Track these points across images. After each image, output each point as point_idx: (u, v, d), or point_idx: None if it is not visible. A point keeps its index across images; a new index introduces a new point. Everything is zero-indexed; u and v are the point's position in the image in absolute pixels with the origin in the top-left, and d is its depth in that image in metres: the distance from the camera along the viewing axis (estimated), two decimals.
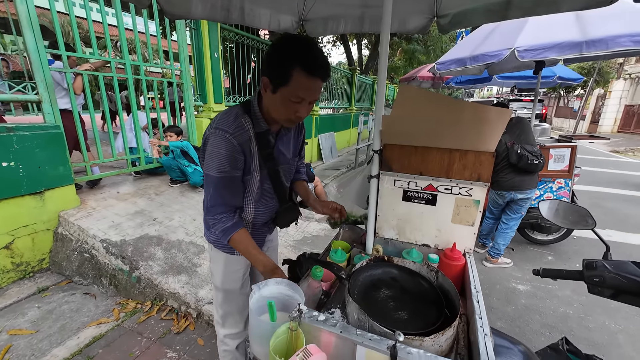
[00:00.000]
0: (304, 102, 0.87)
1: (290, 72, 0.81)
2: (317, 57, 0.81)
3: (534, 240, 3.28)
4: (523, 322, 2.22)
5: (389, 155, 0.96)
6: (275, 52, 0.83)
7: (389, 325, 0.66)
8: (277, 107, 0.90)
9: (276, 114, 0.92)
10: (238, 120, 0.93)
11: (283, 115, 0.91)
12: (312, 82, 0.83)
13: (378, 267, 0.91)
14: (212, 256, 1.20)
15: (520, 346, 0.99)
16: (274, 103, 0.89)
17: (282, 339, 0.66)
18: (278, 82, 0.84)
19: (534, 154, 2.41)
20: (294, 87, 0.83)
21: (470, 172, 0.86)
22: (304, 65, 0.80)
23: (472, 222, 0.91)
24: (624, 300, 0.91)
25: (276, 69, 0.83)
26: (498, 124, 0.79)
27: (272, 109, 0.92)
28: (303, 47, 0.81)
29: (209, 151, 0.93)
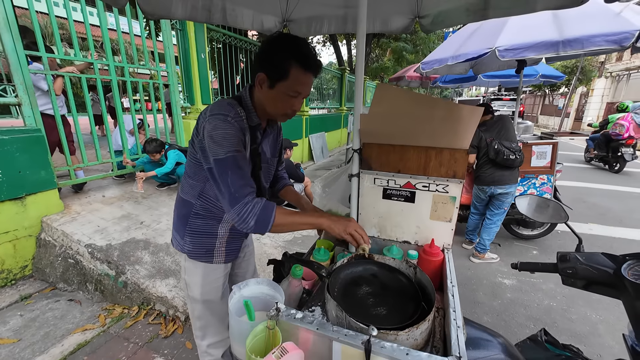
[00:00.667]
0: (299, 97, 0.92)
1: (288, 68, 0.86)
2: (311, 54, 0.88)
3: (520, 236, 3.36)
4: (509, 315, 2.27)
5: (368, 154, 0.97)
6: (273, 49, 0.87)
7: (366, 321, 0.67)
8: (274, 102, 0.93)
9: (272, 109, 0.95)
10: (234, 109, 0.92)
11: (280, 110, 0.95)
12: (307, 77, 0.89)
13: (359, 264, 0.92)
14: (187, 267, 1.12)
15: (499, 338, 1.02)
16: (271, 98, 0.92)
17: (259, 337, 0.66)
18: (276, 77, 0.88)
19: (511, 150, 2.49)
20: (292, 81, 0.88)
21: (446, 169, 0.88)
22: (301, 62, 0.86)
23: (449, 218, 0.93)
24: (595, 291, 0.94)
25: (274, 65, 0.87)
26: (470, 121, 0.81)
27: (268, 103, 0.94)
28: (299, 44, 0.87)
29: (213, 135, 0.85)
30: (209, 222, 1.07)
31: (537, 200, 1.03)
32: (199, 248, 1.08)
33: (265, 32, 1.76)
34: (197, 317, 1.18)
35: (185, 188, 1.07)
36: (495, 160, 2.57)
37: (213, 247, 1.09)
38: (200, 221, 1.07)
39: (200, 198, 1.03)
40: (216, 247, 1.10)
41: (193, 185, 1.04)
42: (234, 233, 1.13)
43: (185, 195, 1.07)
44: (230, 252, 1.14)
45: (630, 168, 7.55)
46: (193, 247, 1.08)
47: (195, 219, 1.06)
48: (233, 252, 1.16)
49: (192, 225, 1.07)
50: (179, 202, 1.11)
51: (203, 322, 1.18)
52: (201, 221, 1.07)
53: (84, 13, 2.79)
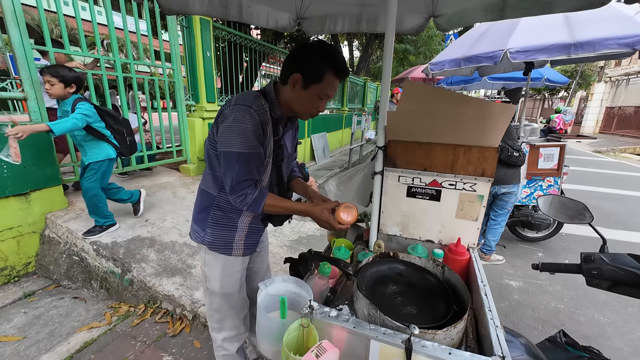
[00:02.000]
0: (326, 99, 0.99)
1: (324, 73, 0.93)
2: (344, 64, 0.96)
3: (525, 238, 3.36)
4: (517, 317, 2.26)
5: (393, 151, 0.96)
6: (312, 54, 0.94)
7: (399, 321, 0.66)
8: (304, 101, 0.98)
9: (301, 108, 1.00)
10: (258, 100, 0.96)
11: (308, 109, 1.00)
12: (337, 82, 0.97)
13: (384, 263, 0.91)
14: (208, 260, 1.16)
15: (521, 339, 1.01)
16: (302, 97, 0.97)
17: (293, 335, 0.65)
18: (312, 80, 0.94)
19: (514, 148, 2.50)
20: (324, 85, 0.94)
21: (474, 167, 0.87)
22: (336, 69, 0.94)
23: (475, 217, 0.92)
24: (622, 292, 0.94)
25: (312, 68, 0.93)
26: (502, 119, 0.80)
27: (298, 102, 0.99)
28: (336, 53, 0.95)
29: (231, 127, 0.91)
30: (230, 215, 1.10)
31: (561, 200, 1.02)
32: (219, 240, 1.11)
33: (280, 30, 1.75)
34: (215, 310, 1.20)
35: (207, 180, 1.10)
36: (499, 158, 2.58)
37: (232, 239, 1.12)
38: (221, 213, 1.10)
39: (223, 190, 1.06)
40: (235, 240, 1.12)
41: (215, 178, 1.06)
42: (253, 227, 1.15)
43: (207, 187, 1.11)
44: (248, 245, 1.17)
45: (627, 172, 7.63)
46: (214, 238, 1.10)
47: (216, 210, 1.10)
48: (252, 246, 1.19)
49: (214, 217, 1.10)
50: (200, 194, 1.14)
51: (221, 315, 1.21)
52: (222, 213, 1.10)
53: (92, 10, 2.77)
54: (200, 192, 1.15)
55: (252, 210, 0.98)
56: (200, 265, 1.19)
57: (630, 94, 15.40)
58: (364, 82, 10.54)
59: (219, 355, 1.28)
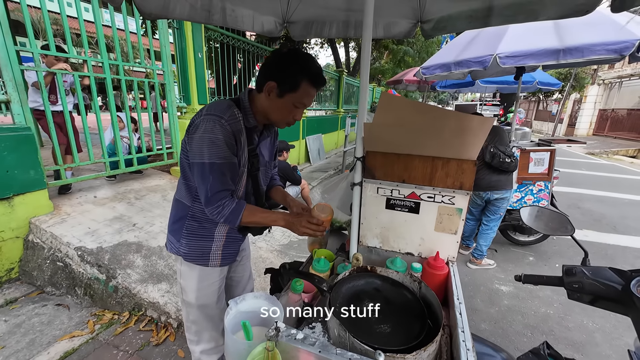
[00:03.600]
0: (302, 108, 0.98)
1: (300, 82, 0.92)
2: (320, 72, 0.94)
3: (516, 242, 3.36)
4: (506, 323, 2.25)
5: (372, 162, 0.94)
6: (287, 63, 0.92)
7: (370, 341, 0.64)
8: (279, 110, 0.97)
9: (277, 116, 0.99)
10: (231, 110, 0.95)
11: (283, 118, 0.99)
12: (313, 91, 0.95)
13: (361, 277, 0.89)
14: (183, 271, 1.12)
15: (502, 353, 0.99)
16: (277, 106, 0.96)
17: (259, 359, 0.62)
18: (287, 88, 0.92)
19: (506, 154, 2.51)
20: (300, 94, 0.93)
21: (452, 180, 0.85)
22: (311, 78, 0.92)
23: (454, 231, 0.90)
24: (602, 306, 0.92)
25: (287, 77, 0.92)
26: (480, 132, 0.78)
27: (272, 111, 0.98)
28: (311, 62, 0.94)
29: (203, 138, 0.89)
30: (205, 225, 1.08)
31: (543, 212, 1.01)
32: (195, 251, 1.08)
33: (266, 34, 1.72)
34: (192, 322, 1.17)
35: (181, 190, 1.07)
36: (490, 164, 2.58)
37: (209, 250, 1.09)
38: (196, 223, 1.07)
39: (196, 200, 1.04)
40: (212, 251, 1.10)
41: (188, 187, 1.04)
42: (231, 236, 1.13)
43: (181, 197, 1.08)
44: (227, 255, 1.14)
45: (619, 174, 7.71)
46: (189, 249, 1.08)
47: (191, 221, 1.07)
48: (230, 256, 1.16)
49: (189, 227, 1.07)
50: (175, 204, 1.12)
51: (198, 327, 1.18)
52: (197, 224, 1.07)
53: (78, 8, 2.72)
54: (175, 202, 1.12)
55: (230, 223, 0.96)
56: (177, 276, 1.16)
57: (623, 96, 15.57)
58: None
59: None
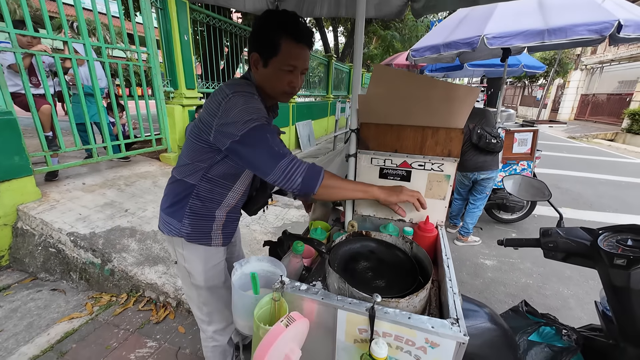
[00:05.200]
0: (295, 71, 0.90)
1: (279, 42, 0.84)
2: (301, 25, 0.86)
3: (500, 220, 3.53)
4: (489, 293, 2.40)
5: (366, 133, 0.98)
6: (262, 26, 0.86)
7: (369, 292, 0.70)
8: (272, 81, 0.91)
9: (271, 89, 0.93)
10: (252, 88, 0.90)
11: (279, 89, 0.92)
12: (300, 49, 0.87)
13: (356, 241, 0.95)
14: (187, 255, 1.08)
15: (485, 309, 1.09)
16: (268, 78, 0.91)
17: (265, 309, 0.68)
18: (268, 54, 0.86)
19: (492, 135, 2.60)
20: (284, 55, 0.86)
21: (441, 148, 0.91)
22: (291, 33, 0.84)
23: (443, 196, 0.97)
24: (574, 262, 1.02)
25: (265, 41, 0.85)
26: (466, 101, 0.84)
27: (266, 84, 0.93)
28: (288, 17, 0.85)
29: (246, 108, 0.82)
30: (208, 206, 1.04)
31: (523, 180, 1.09)
32: (198, 230, 1.05)
33: (257, 13, 1.71)
34: (204, 303, 1.15)
35: (186, 170, 1.01)
36: (477, 145, 2.68)
37: (210, 229, 1.07)
38: (200, 203, 1.03)
39: (204, 179, 1.00)
40: (213, 230, 1.08)
41: (197, 167, 0.99)
42: (231, 216, 1.12)
43: (184, 176, 1.03)
44: (227, 235, 1.13)
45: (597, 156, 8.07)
46: (192, 229, 1.04)
47: (195, 200, 1.03)
48: (229, 235, 1.15)
49: (193, 207, 1.03)
50: (174, 185, 1.06)
51: (209, 308, 1.16)
52: (201, 203, 1.03)
53: None
54: (176, 182, 1.06)
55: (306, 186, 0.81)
56: (179, 261, 1.11)
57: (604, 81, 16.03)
58: (349, 69, 10.47)
59: (209, 345, 1.23)
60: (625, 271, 0.82)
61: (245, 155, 0.83)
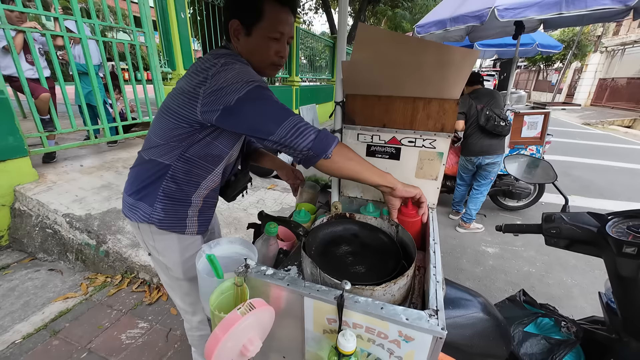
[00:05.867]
0: (282, 39, 0.83)
1: (262, 6, 0.77)
2: None
3: (505, 207, 3.41)
4: (489, 281, 2.34)
5: (352, 106, 0.89)
6: None
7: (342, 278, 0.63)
8: (258, 52, 0.82)
9: (258, 61, 0.84)
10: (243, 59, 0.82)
11: (266, 60, 0.84)
12: (285, 12, 0.80)
13: (339, 224, 0.88)
14: (160, 247, 0.98)
15: (479, 298, 1.02)
16: (252, 47, 0.82)
17: (227, 295, 0.62)
18: (250, 20, 0.79)
19: (500, 117, 2.47)
20: (270, 20, 0.79)
21: (434, 122, 0.81)
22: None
23: (435, 176, 0.88)
24: (577, 250, 0.93)
25: (245, 5, 0.78)
26: (463, 67, 0.73)
27: (251, 56, 0.83)
28: None
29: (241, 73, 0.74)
30: (184, 189, 0.95)
31: (527, 160, 0.99)
32: (172, 216, 0.96)
33: None
34: (186, 294, 1.09)
35: (160, 150, 0.91)
36: (485, 128, 2.55)
37: (185, 215, 0.98)
38: (175, 186, 0.93)
39: (181, 159, 0.90)
40: (189, 216, 0.99)
41: (171, 147, 0.89)
42: (208, 201, 1.02)
43: (158, 157, 0.92)
44: (202, 222, 1.04)
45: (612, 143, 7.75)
46: (165, 215, 0.94)
47: (170, 182, 0.93)
48: (205, 223, 1.06)
49: (167, 190, 0.93)
50: (145, 166, 0.95)
51: (192, 299, 1.10)
52: (176, 186, 0.93)
53: None
54: (145, 163, 0.94)
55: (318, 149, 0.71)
56: (153, 254, 1.01)
57: (624, 64, 15.21)
58: None
59: (195, 335, 1.18)
60: (635, 260, 0.74)
61: (246, 114, 0.72)
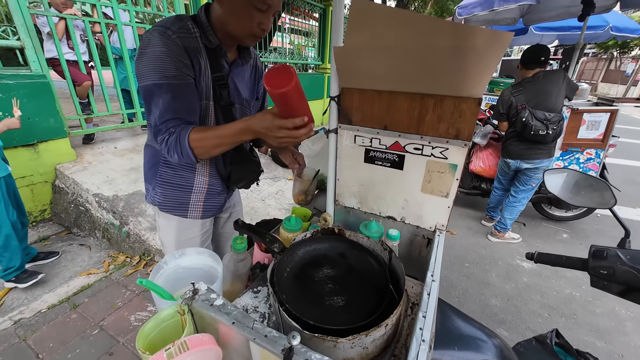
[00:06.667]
0: (269, 11, 0.77)
1: None
2: None
3: (550, 216, 3.00)
4: (521, 300, 2.07)
5: (347, 102, 0.74)
6: None
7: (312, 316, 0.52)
8: (237, 17, 0.77)
9: (235, 27, 0.79)
10: (182, 22, 0.78)
11: (245, 29, 0.78)
12: None
13: (325, 240, 0.76)
14: (161, 224, 1.05)
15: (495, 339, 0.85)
16: (235, 13, 0.77)
17: (171, 324, 0.53)
18: None
19: (544, 122, 2.07)
20: None
21: (446, 126, 0.64)
22: None
23: (446, 193, 0.71)
24: (636, 300, 0.72)
25: None
26: (491, 55, 0.55)
27: (230, 20, 0.78)
28: None
29: (144, 54, 0.74)
30: (181, 174, 0.96)
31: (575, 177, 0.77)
32: (171, 200, 0.99)
33: None
34: None
35: (150, 134, 0.93)
36: (521, 133, 2.19)
37: (188, 200, 1.00)
38: (170, 171, 0.96)
39: None
40: (192, 201, 1.00)
41: None
42: (213, 189, 1.02)
43: (151, 141, 0.96)
44: (209, 208, 1.05)
45: None
46: (164, 199, 0.98)
47: (165, 168, 0.96)
48: (213, 209, 1.07)
49: (163, 175, 0.96)
50: (147, 150, 1.01)
51: None
52: (172, 171, 0.96)
53: None
54: (146, 147, 1.01)
55: (180, 153, 0.76)
56: (157, 231, 1.10)
57: None
58: None
59: None
60: None
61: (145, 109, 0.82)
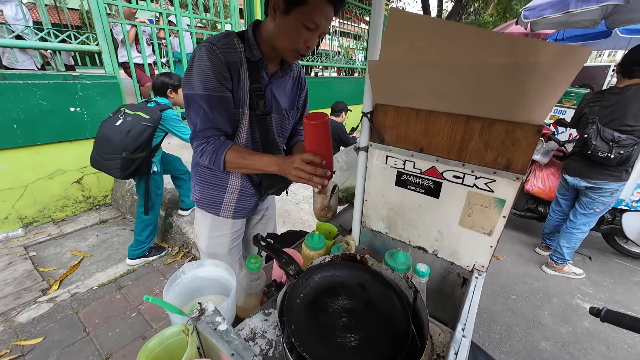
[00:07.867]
0: (316, 31, 0.80)
1: None
2: None
3: (625, 252, 2.55)
4: (579, 350, 1.77)
5: (381, 120, 0.68)
6: None
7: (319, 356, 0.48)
8: (287, 33, 0.81)
9: (282, 42, 0.83)
10: (228, 38, 0.86)
11: (292, 44, 0.82)
12: (328, 9, 0.78)
13: (345, 267, 0.70)
14: (197, 217, 1.15)
15: None
16: (283, 27, 0.80)
17: (174, 342, 0.53)
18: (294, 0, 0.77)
19: (609, 143, 1.74)
20: (311, 8, 0.76)
21: (495, 154, 0.54)
22: None
23: (489, 230, 0.61)
24: None
25: None
26: (559, 74, 0.44)
27: (279, 35, 0.82)
28: None
29: (191, 67, 0.84)
30: (218, 174, 1.05)
31: None
32: (207, 198, 1.08)
33: None
34: None
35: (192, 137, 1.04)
36: (583, 152, 1.88)
37: (221, 200, 1.07)
38: (208, 171, 1.05)
39: None
40: (225, 201, 1.08)
41: None
42: (245, 191, 1.08)
43: None
44: (240, 209, 1.11)
45: None
46: (201, 196, 1.08)
47: (204, 168, 1.05)
48: (244, 210, 1.13)
49: (202, 174, 1.06)
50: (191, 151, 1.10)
51: None
52: (209, 171, 1.05)
53: None
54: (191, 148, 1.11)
55: (214, 164, 0.89)
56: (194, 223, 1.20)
57: None
58: None
59: None
60: None
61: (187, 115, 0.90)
